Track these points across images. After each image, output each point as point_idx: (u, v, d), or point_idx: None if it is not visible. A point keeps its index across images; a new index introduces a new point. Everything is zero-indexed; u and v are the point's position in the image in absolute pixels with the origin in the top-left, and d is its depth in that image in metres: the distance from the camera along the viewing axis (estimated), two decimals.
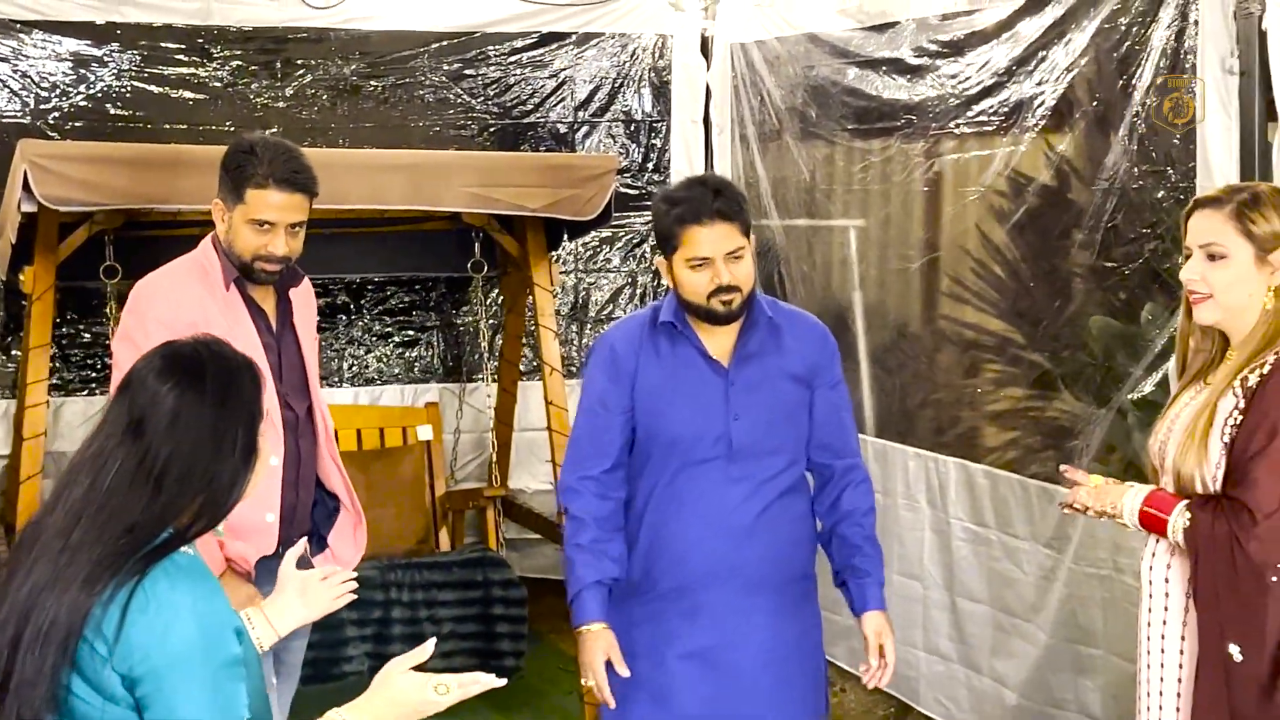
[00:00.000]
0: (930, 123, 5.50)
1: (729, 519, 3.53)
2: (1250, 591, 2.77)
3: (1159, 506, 2.92)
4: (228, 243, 3.77)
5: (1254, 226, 2.87)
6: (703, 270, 3.42)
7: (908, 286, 5.89)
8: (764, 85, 6.42)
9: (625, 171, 6.70)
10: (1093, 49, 4.74)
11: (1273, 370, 2.82)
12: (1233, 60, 4.19)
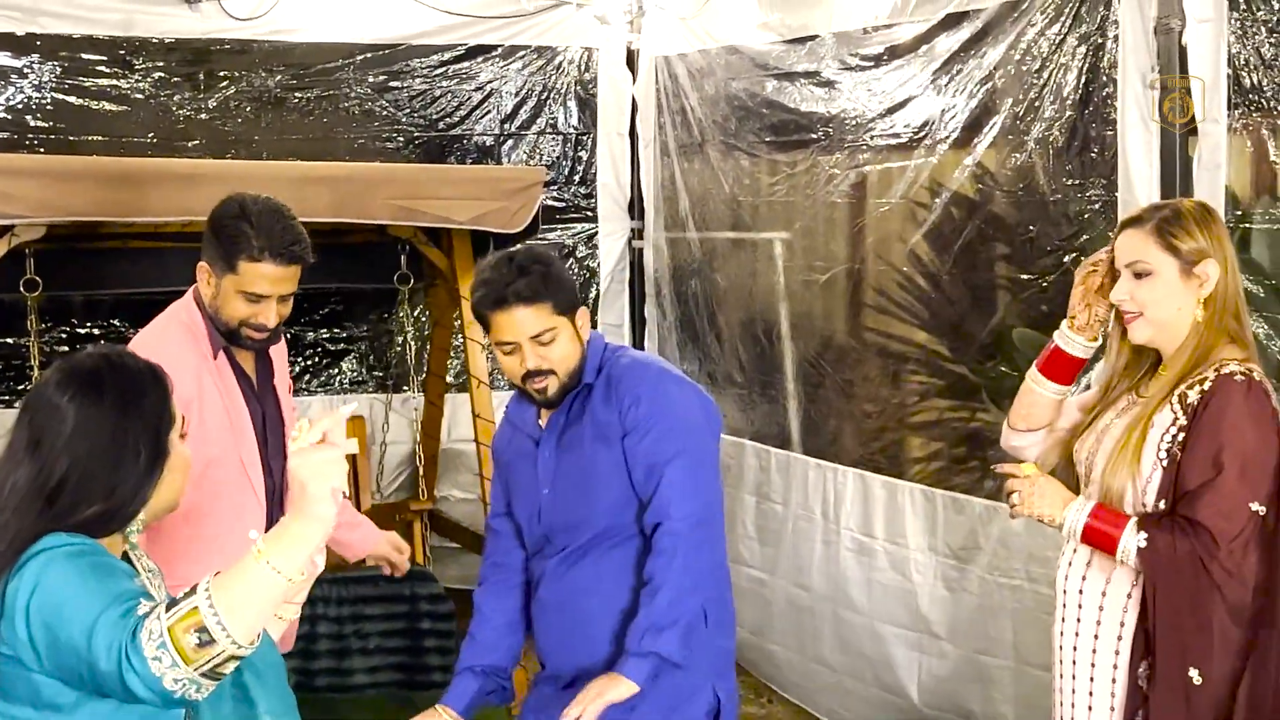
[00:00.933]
0: (851, 135, 5.55)
1: (563, 605, 3.41)
2: (1209, 614, 2.76)
3: (1107, 522, 2.87)
4: (214, 308, 3.64)
5: (1176, 241, 2.90)
6: (512, 355, 3.29)
7: (833, 299, 5.92)
8: (687, 98, 6.46)
9: (552, 184, 6.71)
10: (1012, 63, 4.80)
11: (1214, 389, 2.81)
12: (1153, 75, 4.25)
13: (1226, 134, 4.06)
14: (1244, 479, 2.75)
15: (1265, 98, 3.95)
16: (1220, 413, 2.78)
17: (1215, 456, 2.77)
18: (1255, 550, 2.77)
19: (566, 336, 3.30)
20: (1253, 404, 2.79)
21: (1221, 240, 2.95)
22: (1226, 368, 2.84)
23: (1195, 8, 4.10)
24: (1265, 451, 2.78)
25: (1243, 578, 2.76)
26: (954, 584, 5.03)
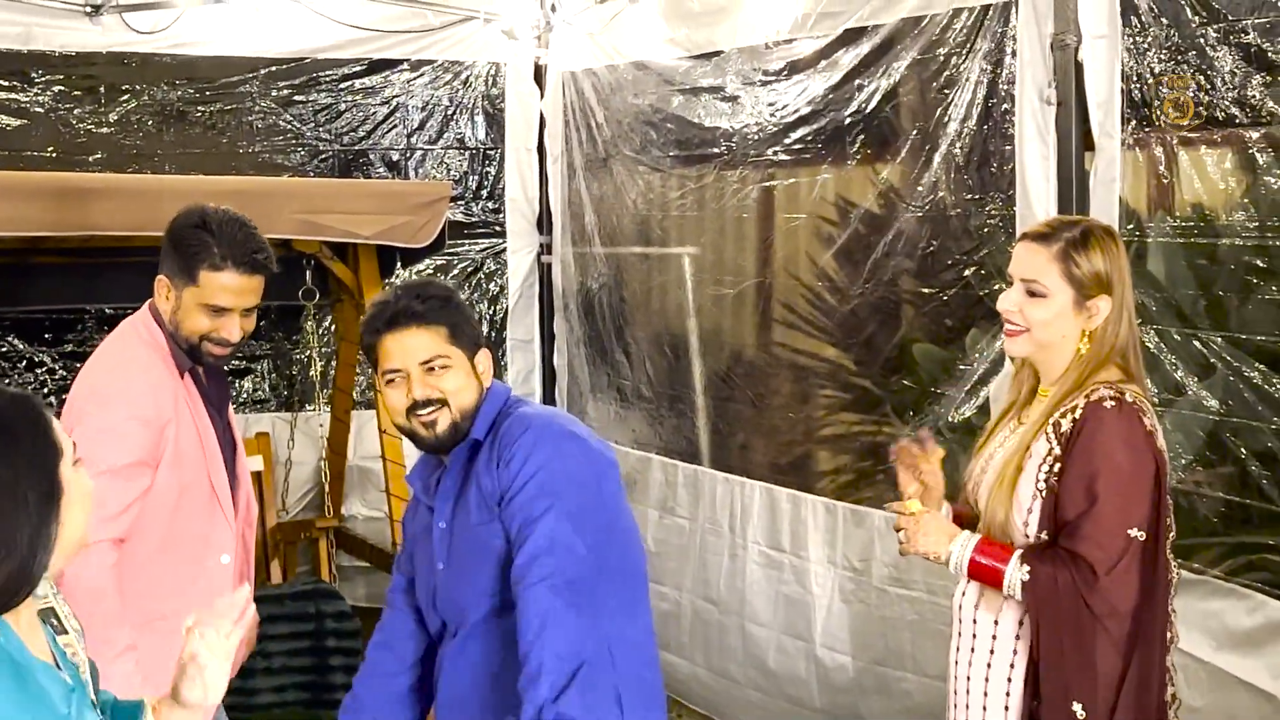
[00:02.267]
0: (756, 150, 5.58)
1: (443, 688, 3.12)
2: (1091, 647, 2.76)
3: (992, 557, 2.86)
4: (174, 323, 3.48)
5: (1077, 269, 2.87)
6: (398, 385, 2.98)
7: (741, 313, 5.94)
8: (594, 114, 6.46)
9: (459, 199, 6.70)
10: (912, 78, 4.85)
11: (1084, 417, 2.80)
12: (1050, 90, 4.31)
13: (1121, 149, 4.12)
14: (1119, 506, 2.75)
15: (1157, 113, 4.01)
16: (1091, 440, 2.77)
17: (1089, 486, 2.76)
18: (1136, 576, 2.78)
19: (462, 371, 3.00)
20: (1123, 427, 2.78)
21: (1122, 271, 2.93)
22: (1097, 393, 2.82)
23: (1090, 24, 4.16)
24: (1139, 475, 2.78)
25: (1124, 608, 2.76)
26: (852, 596, 5.06)
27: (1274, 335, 3.77)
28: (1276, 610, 3.75)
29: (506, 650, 2.91)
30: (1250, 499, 3.85)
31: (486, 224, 6.84)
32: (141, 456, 3.38)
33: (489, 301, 6.83)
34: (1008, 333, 2.96)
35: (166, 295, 3.50)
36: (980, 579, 2.88)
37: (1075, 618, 2.75)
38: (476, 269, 6.81)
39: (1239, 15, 3.75)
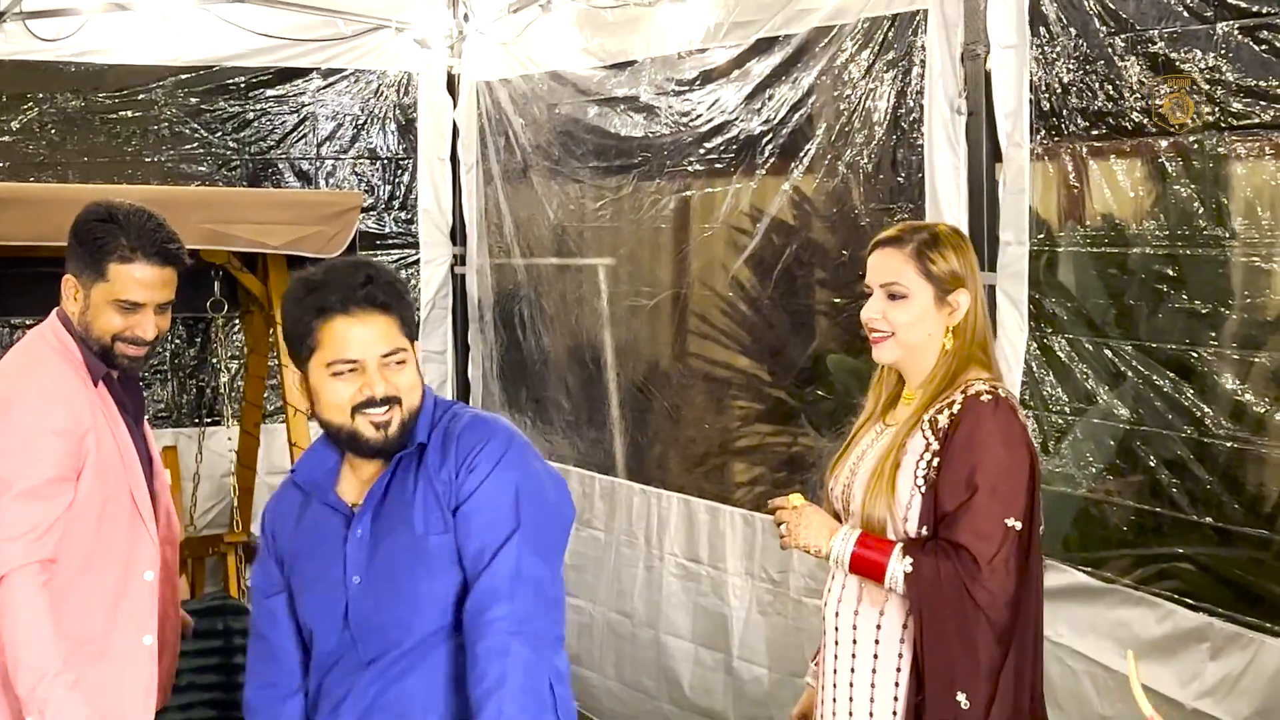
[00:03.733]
0: (672, 160, 5.56)
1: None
2: (974, 637, 2.77)
3: (874, 550, 2.85)
4: (84, 325, 3.30)
5: (933, 267, 2.91)
6: (349, 378, 2.62)
7: (657, 325, 5.93)
8: (510, 123, 6.43)
9: (371, 209, 6.64)
10: (824, 87, 4.85)
11: (962, 412, 2.82)
12: (960, 100, 4.33)
13: (1030, 159, 4.14)
14: (997, 497, 2.77)
15: (1065, 122, 4.03)
16: (970, 434, 2.80)
17: (969, 478, 2.78)
18: (1014, 566, 2.80)
19: (413, 367, 2.69)
20: (1001, 422, 2.81)
21: (973, 268, 2.98)
22: (973, 388, 2.86)
23: (999, 34, 4.19)
24: (1016, 467, 2.81)
25: (1004, 598, 2.78)
26: (768, 607, 5.05)
27: (1184, 344, 3.79)
28: (1186, 619, 3.77)
29: (454, 681, 2.61)
30: (1160, 508, 3.88)
31: (399, 234, 6.77)
32: (61, 471, 3.22)
33: None
34: (874, 340, 2.97)
35: (74, 295, 3.33)
36: (861, 573, 2.88)
37: (959, 608, 2.76)
38: None
39: (1146, 25, 3.78)
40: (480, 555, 2.58)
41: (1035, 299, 4.18)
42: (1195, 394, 3.75)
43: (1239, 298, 3.71)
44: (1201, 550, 3.83)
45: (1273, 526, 3.64)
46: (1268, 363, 3.65)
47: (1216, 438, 3.70)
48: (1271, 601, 3.65)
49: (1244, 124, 3.56)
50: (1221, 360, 3.72)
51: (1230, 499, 3.69)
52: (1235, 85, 3.56)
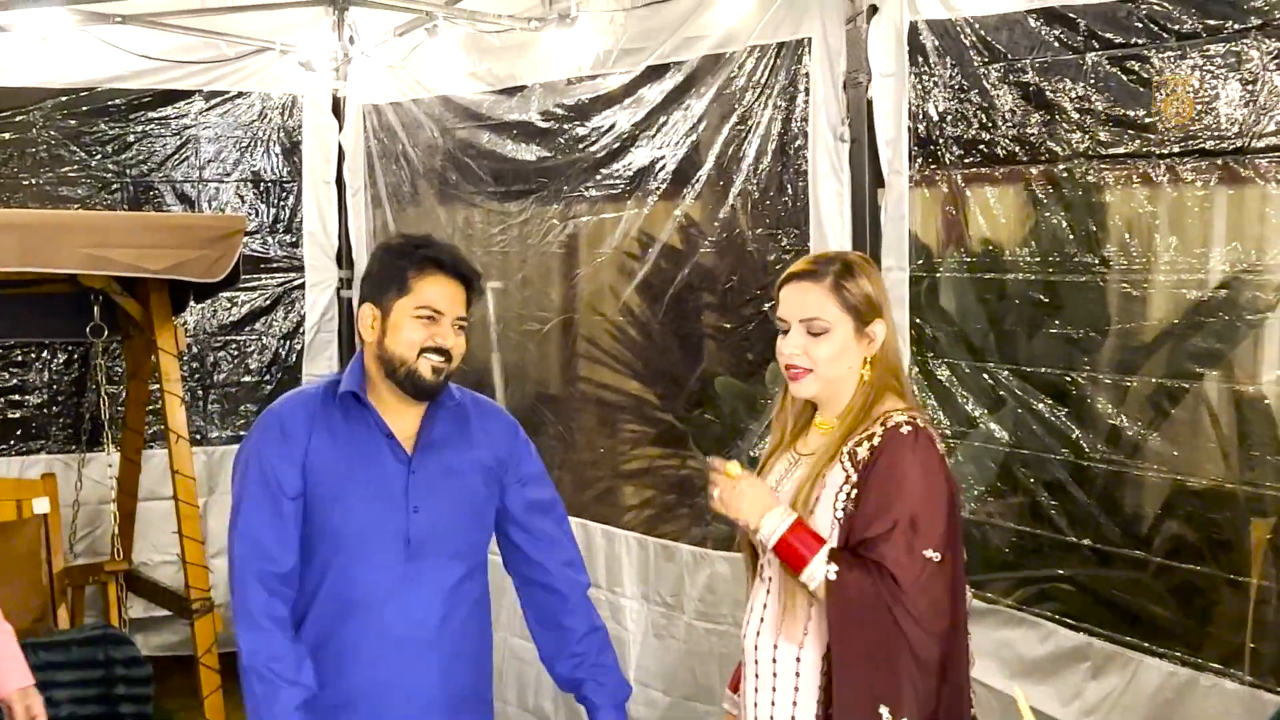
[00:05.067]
0: (561, 185, 5.57)
1: (402, 629, 3.14)
2: (896, 655, 2.73)
3: (803, 542, 2.78)
4: None
5: (851, 298, 2.86)
6: (427, 325, 3.10)
7: (548, 349, 5.91)
8: (402, 147, 6.39)
9: (255, 233, 6.55)
10: (713, 114, 4.88)
11: (883, 444, 2.79)
12: (843, 128, 4.37)
13: (910, 186, 4.19)
14: (916, 528, 2.74)
15: (943, 150, 4.08)
16: (890, 465, 2.77)
17: (888, 509, 2.75)
18: (942, 598, 2.79)
19: (465, 340, 3.21)
20: (920, 453, 2.79)
21: (885, 297, 2.96)
22: (892, 420, 2.83)
23: (879, 63, 4.24)
24: (935, 498, 2.78)
25: (934, 629, 2.78)
26: (663, 631, 5.05)
27: (1061, 369, 3.85)
28: (1066, 639, 3.83)
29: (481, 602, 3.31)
30: (1040, 529, 3.93)
31: (284, 258, 6.70)
32: None
33: (285, 337, 6.69)
34: (793, 377, 2.91)
35: None
36: (783, 556, 2.81)
37: (882, 625, 2.72)
38: (273, 304, 6.66)
39: (1018, 55, 3.85)
40: (530, 518, 3.39)
41: (916, 324, 4.23)
42: (1072, 417, 3.81)
43: (1112, 323, 3.78)
44: (1081, 571, 3.89)
45: (1149, 547, 3.71)
46: (1141, 387, 3.72)
47: (1093, 460, 3.76)
48: (1149, 621, 3.71)
49: (1113, 153, 3.63)
50: (1097, 385, 3.78)
51: (1108, 520, 3.75)
52: (1104, 115, 3.63)
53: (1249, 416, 3.51)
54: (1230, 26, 3.34)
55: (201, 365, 6.61)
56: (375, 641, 3.13)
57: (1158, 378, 3.69)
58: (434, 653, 3.16)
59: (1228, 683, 3.42)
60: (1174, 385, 3.65)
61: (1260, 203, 3.39)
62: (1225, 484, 3.52)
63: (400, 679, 3.14)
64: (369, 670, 3.13)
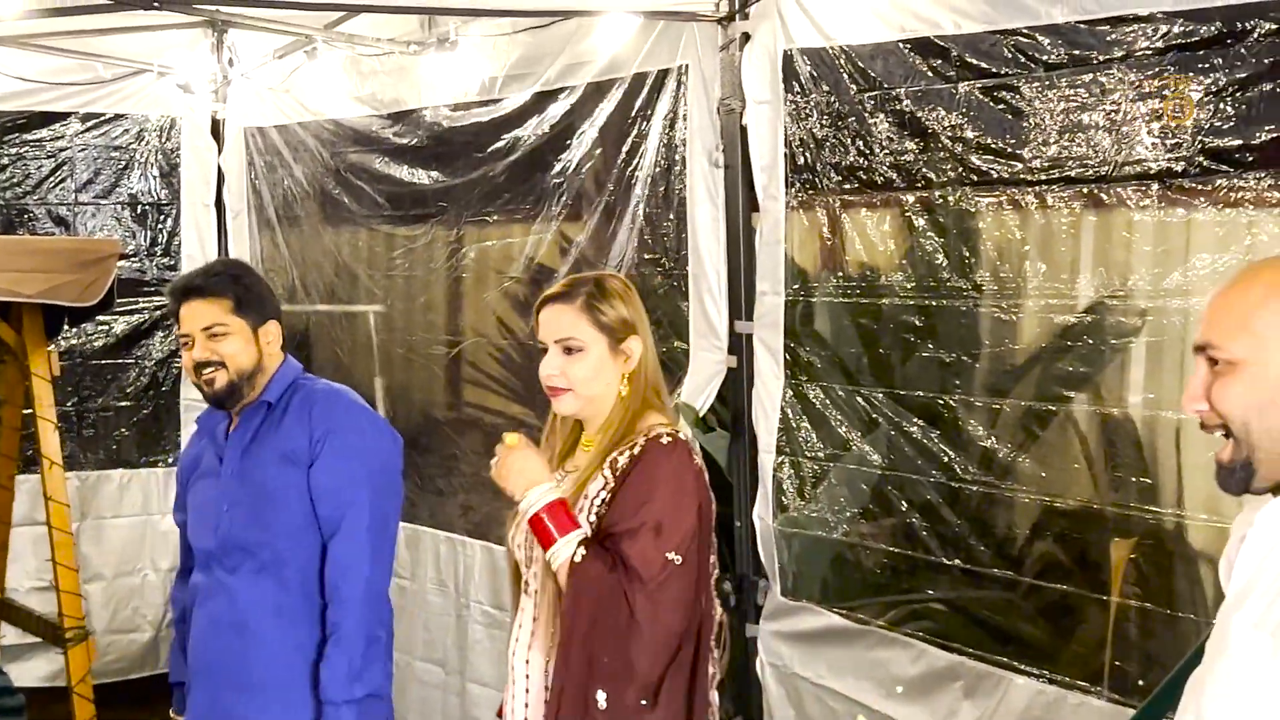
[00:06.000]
0: (451, 209, 5.55)
1: (215, 618, 3.45)
2: (627, 645, 2.78)
3: (557, 522, 2.82)
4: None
5: (604, 317, 2.94)
6: (189, 349, 3.43)
7: (433, 372, 5.89)
8: (289, 169, 6.33)
9: (132, 256, 6.45)
10: (600, 140, 4.90)
11: (643, 451, 2.87)
12: (717, 154, 4.40)
13: (786, 211, 4.23)
14: (661, 531, 2.81)
15: (818, 176, 4.13)
16: (646, 472, 2.85)
17: (637, 510, 2.82)
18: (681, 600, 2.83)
19: (241, 339, 3.41)
20: (675, 463, 2.87)
21: (641, 316, 3.03)
22: (654, 431, 2.92)
23: (754, 90, 4.28)
24: (683, 505, 2.86)
25: (664, 616, 2.80)
26: None
27: (933, 392, 3.91)
28: (939, 658, 3.88)
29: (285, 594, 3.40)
30: (913, 550, 3.98)
31: (162, 281, 6.60)
32: None
33: (162, 361, 6.60)
34: (553, 394, 2.98)
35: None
36: (535, 530, 2.85)
37: (616, 614, 2.77)
38: (151, 328, 6.57)
39: (893, 84, 3.91)
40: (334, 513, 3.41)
41: (791, 348, 4.27)
42: (945, 440, 3.87)
43: (984, 347, 3.84)
44: (952, 591, 3.95)
45: (1019, 567, 3.77)
46: (1012, 409, 3.79)
47: (965, 482, 3.82)
48: (1018, 640, 3.77)
49: (985, 180, 3.70)
50: (969, 407, 3.84)
51: (979, 541, 3.80)
52: (976, 143, 3.70)
53: (1114, 438, 3.59)
54: (1096, 58, 3.42)
55: (76, 390, 6.49)
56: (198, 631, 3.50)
57: (1028, 400, 3.75)
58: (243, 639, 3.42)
59: (1093, 700, 3.49)
60: (1043, 408, 3.72)
61: (1125, 229, 3.47)
62: (1092, 505, 3.59)
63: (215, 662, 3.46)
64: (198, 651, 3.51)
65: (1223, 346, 1.82)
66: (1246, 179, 3.11)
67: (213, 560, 3.47)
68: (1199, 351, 1.86)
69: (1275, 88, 3.07)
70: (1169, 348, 3.40)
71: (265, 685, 3.40)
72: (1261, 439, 1.79)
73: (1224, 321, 1.83)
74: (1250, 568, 1.84)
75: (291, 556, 3.40)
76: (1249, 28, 3.09)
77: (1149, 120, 3.31)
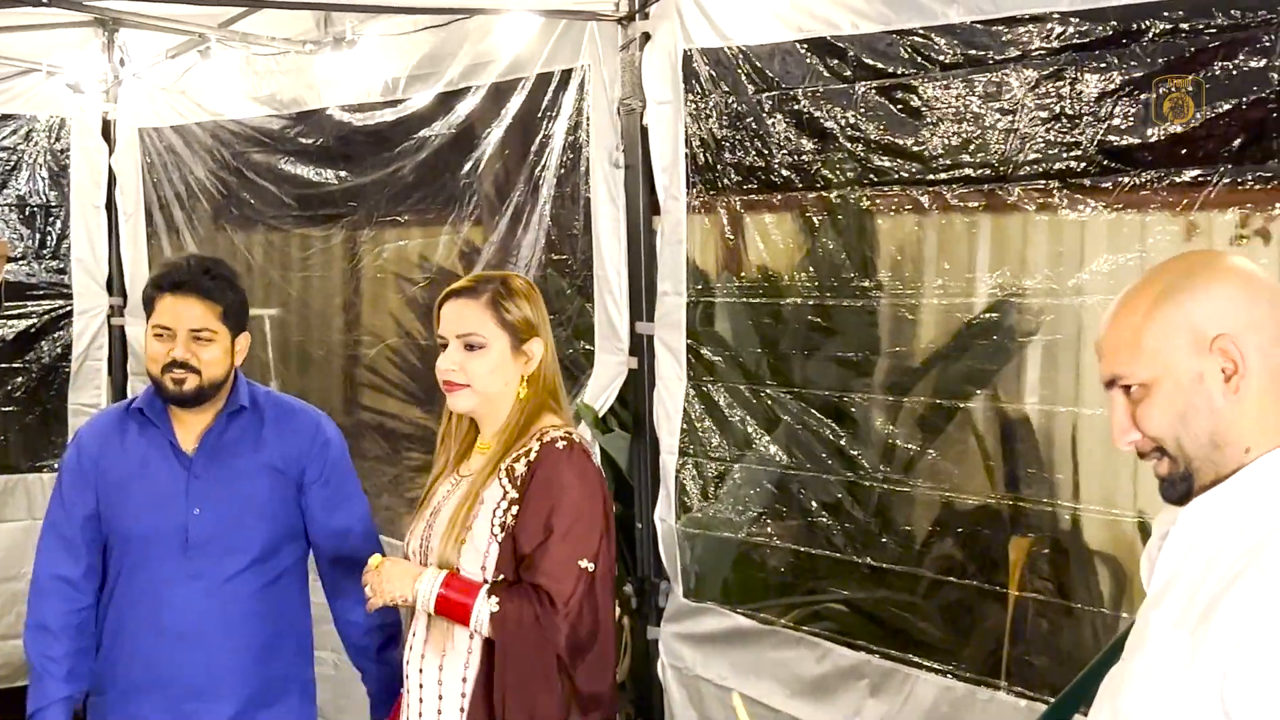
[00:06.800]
0: (355, 212, 5.49)
1: (176, 621, 3.36)
2: (554, 675, 2.80)
3: (460, 591, 2.84)
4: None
5: (509, 316, 2.94)
6: (163, 341, 3.32)
7: (328, 376, 5.82)
8: (189, 170, 6.22)
9: (19, 259, 6.30)
10: (506, 141, 4.86)
11: (539, 458, 2.87)
12: (618, 154, 4.39)
13: (687, 212, 4.23)
14: (571, 538, 2.83)
15: (719, 177, 4.13)
16: (548, 479, 2.86)
17: (546, 521, 2.83)
18: (592, 607, 2.85)
19: (222, 348, 3.34)
20: (575, 466, 2.88)
21: (544, 317, 3.04)
22: (549, 435, 2.91)
23: (654, 90, 4.28)
24: (591, 509, 2.88)
25: (581, 631, 2.82)
26: None
27: (835, 390, 3.92)
28: (844, 657, 3.89)
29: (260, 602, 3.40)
30: (817, 549, 3.99)
31: (50, 285, 6.45)
32: None
33: (50, 365, 6.45)
34: (449, 389, 2.97)
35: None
36: (448, 614, 2.86)
37: (540, 648, 2.80)
38: (39, 332, 6.42)
39: (792, 84, 3.91)
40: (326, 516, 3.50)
41: (693, 348, 4.27)
42: (848, 438, 3.88)
43: (886, 346, 3.86)
44: (858, 589, 3.96)
45: (922, 565, 3.79)
46: (914, 407, 3.81)
47: (868, 481, 3.83)
48: (923, 638, 3.80)
49: (885, 180, 3.71)
50: (872, 405, 3.86)
51: (882, 539, 3.82)
52: (875, 143, 3.71)
53: (1013, 436, 3.62)
54: (992, 58, 3.44)
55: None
56: (156, 634, 3.36)
57: (929, 398, 3.78)
58: (207, 642, 3.36)
59: (1001, 694, 3.51)
60: (944, 405, 3.75)
61: (1022, 229, 3.50)
62: (991, 502, 3.62)
63: (170, 667, 3.36)
64: (144, 660, 3.37)
65: (1130, 374, 1.84)
66: (1144, 178, 3.15)
67: (168, 563, 3.37)
68: (1110, 386, 1.87)
69: (1170, 87, 3.11)
70: (1067, 346, 3.44)
71: (234, 692, 3.39)
72: (1194, 448, 1.80)
73: (1121, 351, 1.85)
74: (1171, 566, 1.85)
75: (267, 563, 3.42)
76: (1144, 27, 3.13)
77: (1047, 120, 3.34)
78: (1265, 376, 1.78)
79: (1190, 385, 1.79)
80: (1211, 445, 1.80)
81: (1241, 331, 1.78)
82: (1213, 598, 1.71)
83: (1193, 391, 1.79)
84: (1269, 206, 2.99)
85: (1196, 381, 1.79)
